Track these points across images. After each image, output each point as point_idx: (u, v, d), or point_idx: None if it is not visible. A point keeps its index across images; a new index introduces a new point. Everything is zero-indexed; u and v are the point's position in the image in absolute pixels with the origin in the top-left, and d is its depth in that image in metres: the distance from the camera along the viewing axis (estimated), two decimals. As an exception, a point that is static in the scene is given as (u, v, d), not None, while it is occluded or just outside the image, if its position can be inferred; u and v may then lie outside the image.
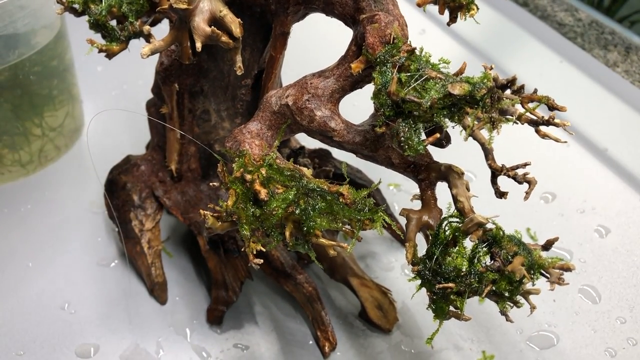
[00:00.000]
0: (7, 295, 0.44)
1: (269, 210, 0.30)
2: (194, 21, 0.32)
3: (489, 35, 0.77)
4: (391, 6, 0.33)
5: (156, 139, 0.45)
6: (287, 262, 0.42)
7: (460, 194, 0.32)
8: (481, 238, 0.30)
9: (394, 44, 0.30)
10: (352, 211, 0.31)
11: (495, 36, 0.77)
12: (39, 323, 0.43)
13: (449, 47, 0.74)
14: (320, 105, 0.33)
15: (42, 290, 0.45)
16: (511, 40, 0.77)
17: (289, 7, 0.35)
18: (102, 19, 0.39)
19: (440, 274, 0.30)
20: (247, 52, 0.39)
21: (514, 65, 0.71)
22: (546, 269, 0.29)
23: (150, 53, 0.33)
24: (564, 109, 0.34)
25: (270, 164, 0.32)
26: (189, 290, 0.45)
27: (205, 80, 0.41)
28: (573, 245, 0.50)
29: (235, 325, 0.43)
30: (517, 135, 0.56)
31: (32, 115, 0.53)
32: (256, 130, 0.34)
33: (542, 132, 0.34)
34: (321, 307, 0.42)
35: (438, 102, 0.28)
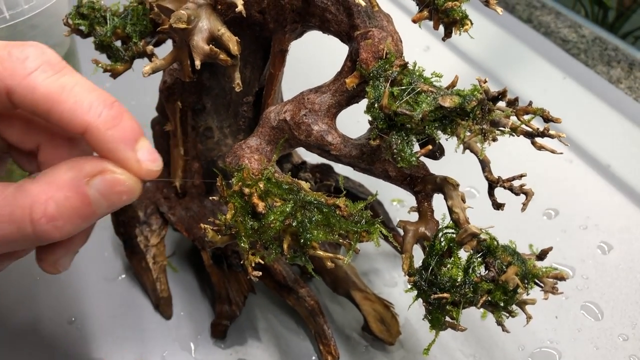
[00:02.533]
0: (16, 308, 0.45)
1: (267, 223, 0.31)
2: (193, 40, 0.33)
3: (493, 51, 0.78)
4: (385, 22, 0.34)
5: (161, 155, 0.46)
6: (290, 276, 0.43)
7: (455, 205, 0.32)
8: (475, 248, 0.30)
9: (386, 59, 0.31)
10: (349, 223, 0.32)
11: (499, 53, 0.78)
12: (46, 337, 0.43)
13: (454, 64, 0.75)
14: (317, 120, 0.34)
15: (49, 304, 0.46)
16: (515, 56, 0.77)
17: (286, 25, 0.36)
18: (107, 40, 0.40)
19: (435, 284, 0.30)
20: (248, 69, 0.40)
21: (518, 82, 0.72)
22: (540, 278, 0.29)
23: (151, 72, 0.34)
24: (559, 120, 0.34)
25: (269, 178, 0.32)
26: (193, 305, 0.46)
27: (208, 97, 0.42)
28: (575, 262, 0.50)
29: (239, 340, 0.44)
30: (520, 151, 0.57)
31: (42, 134, 0.54)
32: (255, 145, 0.35)
33: (537, 143, 0.34)
34: (323, 321, 0.42)
35: (429, 114, 0.28)
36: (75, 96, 0.27)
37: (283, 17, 0.36)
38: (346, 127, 0.36)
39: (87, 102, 0.27)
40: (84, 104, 0.27)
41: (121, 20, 0.40)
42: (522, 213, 0.51)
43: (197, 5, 0.33)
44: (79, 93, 0.27)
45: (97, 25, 0.41)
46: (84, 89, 0.27)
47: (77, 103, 0.26)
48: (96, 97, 0.27)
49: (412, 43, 0.37)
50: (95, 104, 0.27)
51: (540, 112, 0.34)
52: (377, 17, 0.34)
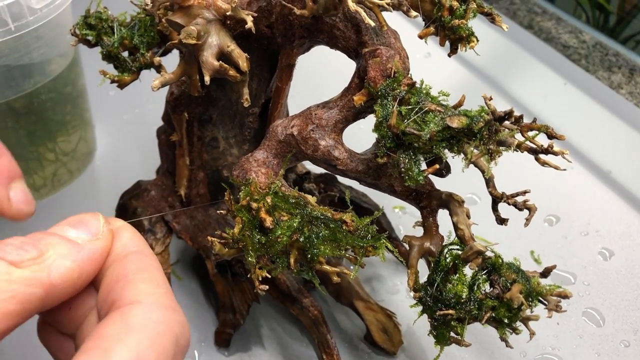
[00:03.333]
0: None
1: (274, 238, 0.31)
2: (202, 56, 0.33)
3: (493, 57, 0.78)
4: (393, 39, 0.34)
5: (166, 165, 0.46)
6: (293, 285, 0.43)
7: (460, 222, 0.33)
8: (480, 265, 0.30)
9: (394, 78, 0.31)
10: (355, 238, 0.32)
11: (500, 59, 0.78)
12: (51, 345, 0.44)
13: (455, 70, 0.75)
14: (324, 135, 0.34)
15: (54, 313, 0.46)
16: (516, 62, 0.78)
17: (294, 40, 0.36)
18: (114, 50, 0.40)
19: (440, 300, 0.30)
20: (255, 81, 0.41)
21: (518, 88, 0.72)
22: (544, 296, 0.30)
23: (160, 86, 0.34)
24: (562, 137, 0.34)
25: (276, 192, 0.33)
26: (197, 313, 0.46)
27: (214, 108, 0.42)
28: (577, 268, 0.51)
29: (242, 348, 0.44)
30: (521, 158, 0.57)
31: (46, 140, 0.55)
32: (262, 158, 0.35)
33: (541, 160, 0.35)
34: (327, 330, 0.42)
35: (437, 134, 0.29)
36: None
37: (291, 32, 0.36)
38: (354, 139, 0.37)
39: None
40: None
41: (128, 31, 0.40)
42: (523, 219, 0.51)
43: (207, 20, 0.33)
44: None
45: (105, 36, 0.41)
46: None
47: None
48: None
49: (413, 50, 0.37)
50: None
51: (544, 129, 0.34)
52: (385, 34, 0.35)
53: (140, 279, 0.25)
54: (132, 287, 0.24)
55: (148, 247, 0.28)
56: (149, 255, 0.27)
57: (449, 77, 0.75)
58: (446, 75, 0.75)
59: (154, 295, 0.24)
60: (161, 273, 0.26)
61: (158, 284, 0.25)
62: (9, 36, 0.44)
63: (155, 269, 0.26)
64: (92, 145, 0.62)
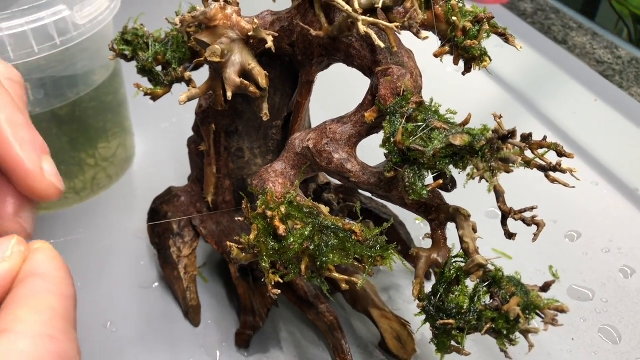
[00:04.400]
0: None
1: (287, 245, 0.33)
2: (226, 72, 0.35)
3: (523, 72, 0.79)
4: (406, 59, 0.36)
5: (195, 172, 0.49)
6: (311, 291, 0.45)
7: (466, 235, 0.34)
8: (482, 278, 0.32)
9: (403, 96, 0.33)
10: (364, 248, 0.34)
11: (530, 73, 0.79)
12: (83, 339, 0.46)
13: (484, 83, 0.76)
14: (338, 149, 0.36)
15: (88, 309, 0.49)
16: (545, 77, 0.78)
17: (313, 58, 0.38)
18: (148, 65, 0.43)
19: (443, 310, 0.32)
20: (278, 96, 0.43)
21: (546, 102, 0.73)
22: (542, 309, 0.30)
23: (187, 100, 0.37)
24: (572, 156, 0.35)
25: (291, 201, 0.35)
26: (220, 314, 0.49)
27: (240, 121, 0.44)
28: (596, 285, 0.51)
29: (261, 350, 0.46)
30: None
31: (87, 146, 0.58)
32: (280, 169, 0.37)
33: (551, 177, 0.36)
34: (341, 336, 0.44)
35: (440, 151, 0.30)
36: None
37: (310, 50, 0.38)
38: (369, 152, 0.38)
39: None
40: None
41: (162, 47, 0.43)
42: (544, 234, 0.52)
43: (231, 40, 0.36)
44: None
45: (140, 51, 0.44)
46: None
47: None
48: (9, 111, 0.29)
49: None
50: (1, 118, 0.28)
51: (554, 147, 0.35)
52: (399, 53, 0.36)
53: (22, 305, 0.24)
54: (8, 313, 0.23)
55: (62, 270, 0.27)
56: (52, 278, 0.26)
57: (477, 90, 0.75)
58: (475, 88, 0.76)
59: (28, 323, 0.23)
60: (57, 298, 0.25)
61: (41, 310, 0.24)
62: (55, 50, 0.47)
63: (49, 294, 0.25)
64: (131, 152, 0.65)
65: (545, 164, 0.35)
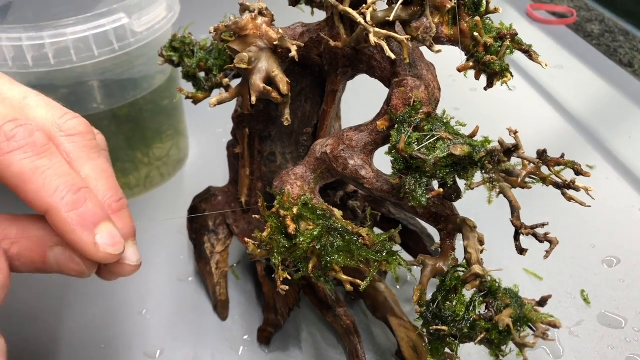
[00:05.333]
0: (100, 296, 0.52)
1: (296, 243, 0.35)
2: (252, 78, 0.38)
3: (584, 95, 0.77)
4: (425, 71, 0.37)
5: (232, 174, 0.52)
6: (331, 295, 0.46)
7: (470, 246, 0.34)
8: (478, 288, 0.32)
9: (413, 106, 0.34)
10: (370, 252, 0.35)
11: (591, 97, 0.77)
12: (120, 323, 0.50)
13: (537, 104, 0.75)
14: (354, 155, 0.37)
15: (127, 296, 0.52)
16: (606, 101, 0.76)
17: (338, 68, 0.40)
18: (192, 70, 0.46)
19: (439, 317, 0.32)
20: (309, 104, 0.45)
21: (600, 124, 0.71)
22: (534, 322, 0.30)
23: (217, 103, 0.39)
24: (588, 174, 0.35)
25: (305, 203, 0.36)
26: (247, 311, 0.51)
27: (274, 127, 0.47)
28: (629, 313, 0.49)
29: (281, 347, 0.48)
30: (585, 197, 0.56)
31: (142, 146, 0.62)
32: (301, 173, 0.39)
33: (567, 194, 0.36)
34: (357, 340, 0.45)
35: (441, 160, 0.31)
36: (45, 179, 0.29)
37: (336, 61, 0.40)
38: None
39: (53, 185, 0.29)
40: (51, 187, 0.29)
41: (205, 55, 0.46)
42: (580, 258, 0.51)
43: (259, 48, 0.38)
44: (49, 176, 0.29)
45: (186, 58, 0.47)
46: (55, 173, 0.29)
47: (44, 185, 0.29)
48: (64, 181, 0.29)
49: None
50: (61, 188, 0.29)
51: (571, 165, 0.35)
52: (419, 66, 0.37)
53: None
54: None
55: None
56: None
57: (529, 110, 0.74)
58: (528, 109, 0.75)
59: None
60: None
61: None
62: (114, 54, 0.51)
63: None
64: (184, 154, 0.69)
65: (561, 181, 0.35)
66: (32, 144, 0.29)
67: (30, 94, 0.32)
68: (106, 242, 0.30)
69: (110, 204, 0.31)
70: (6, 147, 0.28)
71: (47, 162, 0.29)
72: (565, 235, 0.56)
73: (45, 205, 0.29)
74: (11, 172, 0.29)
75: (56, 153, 0.30)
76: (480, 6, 0.38)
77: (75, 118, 0.33)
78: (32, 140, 0.29)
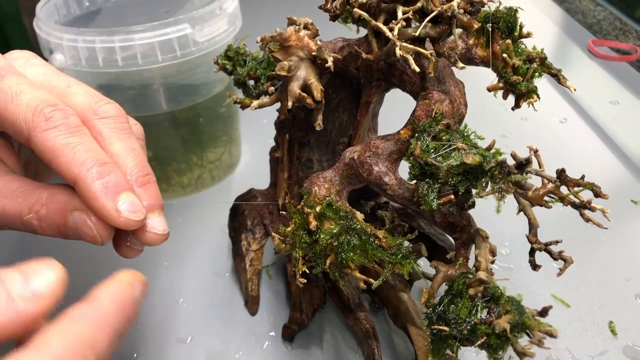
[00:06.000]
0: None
1: (316, 239, 0.37)
2: (290, 85, 0.41)
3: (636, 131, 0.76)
4: (452, 88, 0.39)
5: (272, 178, 0.55)
6: (354, 298, 0.48)
7: (480, 255, 0.35)
8: (482, 293, 0.33)
9: (434, 117, 0.36)
10: (385, 253, 0.37)
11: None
12: (158, 308, 0.54)
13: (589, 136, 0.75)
14: (379, 162, 0.39)
15: (167, 286, 0.56)
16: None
17: (372, 81, 0.42)
18: (242, 78, 0.50)
19: (443, 318, 0.34)
20: (346, 115, 0.47)
21: None
22: (531, 330, 0.31)
23: (257, 106, 0.43)
24: (606, 196, 0.36)
25: (330, 204, 0.39)
26: (276, 309, 0.53)
27: (312, 135, 0.50)
28: (658, 349, 0.48)
29: (303, 345, 0.50)
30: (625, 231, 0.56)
31: (197, 149, 0.67)
32: (329, 177, 0.42)
33: (585, 215, 0.36)
34: (375, 345, 0.46)
35: (454, 168, 0.33)
36: (75, 153, 0.32)
37: (370, 74, 0.42)
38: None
39: (82, 159, 0.32)
40: (79, 160, 0.32)
41: (256, 64, 0.50)
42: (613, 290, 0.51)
43: (300, 58, 0.41)
44: (79, 151, 0.33)
45: (238, 66, 0.51)
46: (84, 149, 0.33)
47: (73, 158, 0.32)
48: (91, 156, 0.33)
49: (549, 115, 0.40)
50: (88, 161, 0.33)
51: (590, 187, 0.36)
52: (447, 82, 0.39)
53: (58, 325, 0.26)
54: (46, 329, 0.25)
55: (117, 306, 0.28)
56: (99, 308, 0.27)
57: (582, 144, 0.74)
58: (579, 141, 0.74)
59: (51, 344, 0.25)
60: (90, 328, 0.26)
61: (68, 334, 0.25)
62: (175, 61, 0.56)
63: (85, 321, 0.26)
64: (236, 159, 0.73)
65: (579, 201, 0.36)
66: (67, 124, 0.33)
67: (73, 83, 0.37)
68: (127, 208, 0.33)
69: (137, 177, 0.35)
70: (44, 125, 0.33)
71: (78, 140, 0.33)
72: (601, 266, 0.56)
73: (74, 175, 0.32)
74: (47, 146, 0.33)
75: (87, 133, 0.34)
76: (515, 30, 0.40)
77: (109, 104, 0.37)
78: (67, 121, 0.33)
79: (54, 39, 0.55)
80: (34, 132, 0.33)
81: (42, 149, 0.33)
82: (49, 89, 0.36)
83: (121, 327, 0.28)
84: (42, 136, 0.33)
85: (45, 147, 0.33)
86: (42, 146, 0.33)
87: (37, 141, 0.33)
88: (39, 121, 0.33)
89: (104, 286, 0.29)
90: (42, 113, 0.33)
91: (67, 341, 0.25)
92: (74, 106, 0.35)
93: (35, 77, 0.37)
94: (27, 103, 0.33)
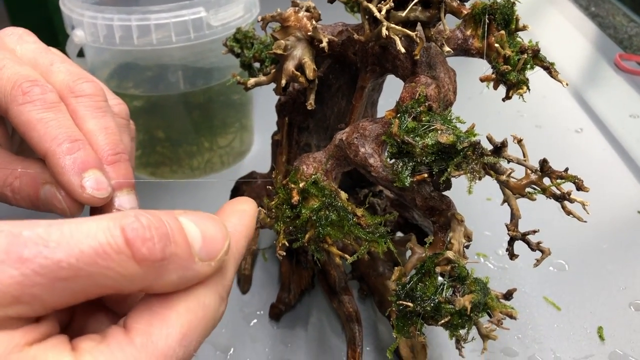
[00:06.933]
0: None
1: (298, 214, 0.38)
2: (285, 64, 0.42)
3: None
4: (442, 74, 0.40)
5: (273, 161, 0.56)
6: (340, 282, 0.48)
7: (454, 237, 0.36)
8: (449, 273, 0.33)
9: (417, 100, 0.36)
10: (361, 231, 0.37)
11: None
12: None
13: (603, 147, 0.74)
14: (365, 144, 0.40)
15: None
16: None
17: (367, 66, 0.43)
18: (248, 60, 0.51)
19: (409, 295, 0.34)
20: (344, 101, 0.48)
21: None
22: (492, 310, 0.31)
23: (254, 84, 0.44)
24: (587, 189, 0.36)
25: (315, 182, 0.39)
26: (267, 289, 0.54)
27: (312, 119, 0.50)
28: (645, 357, 0.47)
29: (289, 326, 0.50)
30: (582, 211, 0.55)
31: (208, 133, 0.68)
32: (319, 157, 0.42)
33: (567, 208, 0.36)
34: (357, 329, 0.47)
35: (428, 147, 0.33)
36: (47, 128, 0.33)
37: (366, 59, 0.43)
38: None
39: (53, 134, 0.33)
40: (51, 135, 0.33)
41: (261, 47, 0.51)
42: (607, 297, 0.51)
43: (297, 38, 0.42)
44: (51, 126, 0.33)
45: (245, 49, 0.52)
46: (57, 124, 0.34)
47: (45, 133, 0.33)
48: (63, 132, 0.33)
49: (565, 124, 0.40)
50: (59, 137, 0.33)
51: (572, 179, 0.36)
52: (437, 68, 0.40)
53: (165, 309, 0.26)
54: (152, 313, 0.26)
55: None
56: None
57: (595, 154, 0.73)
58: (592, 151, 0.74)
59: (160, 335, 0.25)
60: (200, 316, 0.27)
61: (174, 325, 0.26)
62: (189, 42, 0.58)
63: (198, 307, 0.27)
64: (247, 147, 0.74)
65: (560, 193, 0.36)
66: (43, 100, 0.34)
67: (57, 61, 0.38)
68: (92, 185, 0.33)
69: (107, 156, 0.35)
70: (20, 99, 0.34)
71: (52, 116, 0.34)
72: (598, 273, 0.55)
73: (45, 150, 0.33)
74: (21, 120, 0.34)
75: (63, 110, 0.35)
76: (511, 22, 0.40)
77: (88, 82, 0.37)
78: (43, 97, 0.34)
79: (75, 15, 0.57)
80: (11, 105, 0.34)
81: (17, 122, 0.34)
82: (34, 66, 0.37)
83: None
84: (18, 110, 0.34)
85: (20, 120, 0.34)
86: (17, 119, 0.34)
87: (13, 114, 0.34)
88: (16, 95, 0.34)
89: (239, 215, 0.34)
90: (20, 87, 0.34)
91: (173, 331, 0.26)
92: (54, 83, 0.36)
93: (24, 54, 0.38)
94: (7, 77, 0.35)
